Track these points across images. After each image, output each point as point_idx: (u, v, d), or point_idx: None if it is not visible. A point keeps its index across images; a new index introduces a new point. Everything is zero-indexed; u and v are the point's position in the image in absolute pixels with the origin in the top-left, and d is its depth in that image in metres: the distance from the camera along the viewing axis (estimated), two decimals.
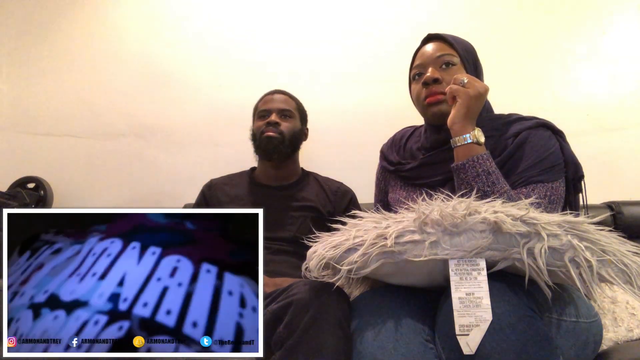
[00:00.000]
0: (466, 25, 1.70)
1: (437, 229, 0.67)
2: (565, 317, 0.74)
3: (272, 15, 1.76)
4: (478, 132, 0.87)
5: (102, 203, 1.72)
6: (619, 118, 1.66)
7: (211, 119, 1.73)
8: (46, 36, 1.82)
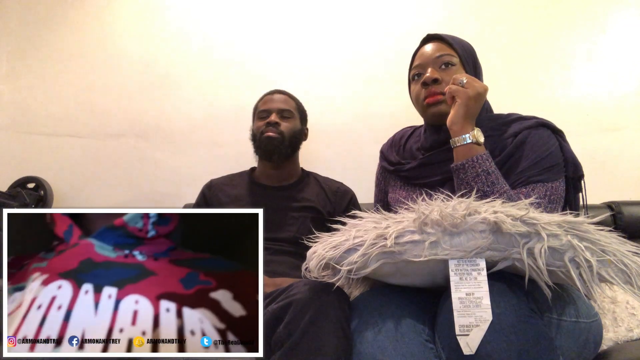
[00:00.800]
0: (466, 25, 1.70)
1: (437, 229, 0.67)
2: (565, 317, 0.74)
3: (272, 15, 1.76)
4: (477, 132, 0.87)
5: (102, 203, 1.72)
6: (619, 118, 1.66)
7: (211, 119, 1.73)
8: (46, 36, 1.81)
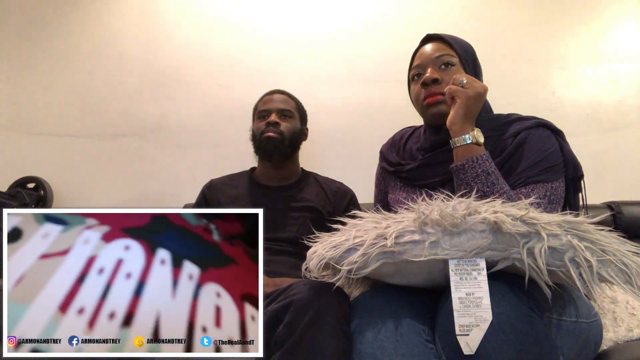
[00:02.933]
0: (466, 25, 1.70)
1: (437, 229, 0.67)
2: (565, 317, 0.74)
3: (272, 15, 1.76)
4: (477, 133, 0.87)
5: (102, 203, 1.72)
6: (619, 118, 1.66)
7: (211, 119, 1.73)
8: (46, 36, 1.82)
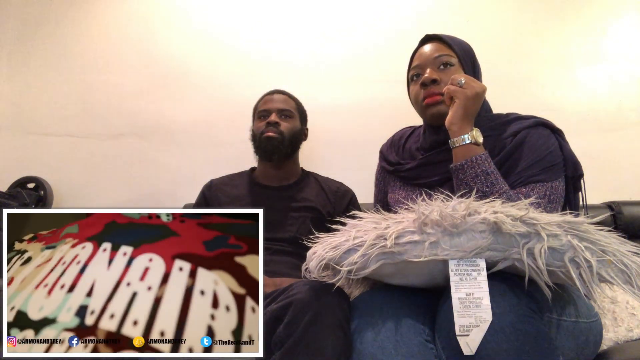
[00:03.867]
0: (465, 25, 1.70)
1: (437, 230, 0.67)
2: (565, 317, 0.74)
3: (272, 15, 1.76)
4: (476, 133, 0.87)
5: (102, 203, 1.72)
6: (619, 118, 1.66)
7: (211, 119, 1.73)
8: (46, 36, 1.81)
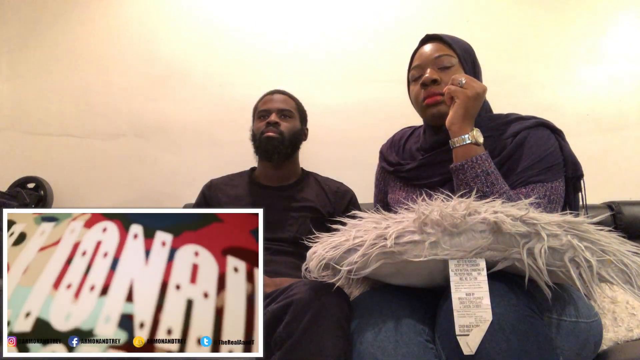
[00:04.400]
0: (465, 25, 1.70)
1: (437, 229, 0.67)
2: (565, 317, 0.74)
3: (272, 15, 1.76)
4: (477, 133, 0.87)
5: (102, 203, 1.72)
6: (619, 118, 1.66)
7: (211, 119, 1.73)
8: (46, 36, 1.82)
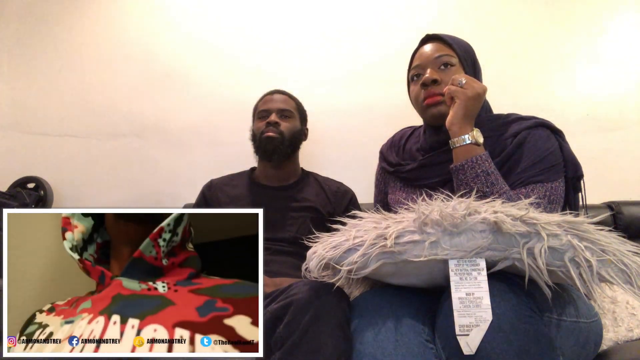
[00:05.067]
0: (465, 25, 1.70)
1: (437, 229, 0.67)
2: (565, 317, 0.74)
3: (272, 15, 1.76)
4: (477, 133, 0.87)
5: (102, 203, 1.72)
6: (619, 118, 1.66)
7: (211, 119, 1.73)
8: (46, 36, 1.81)
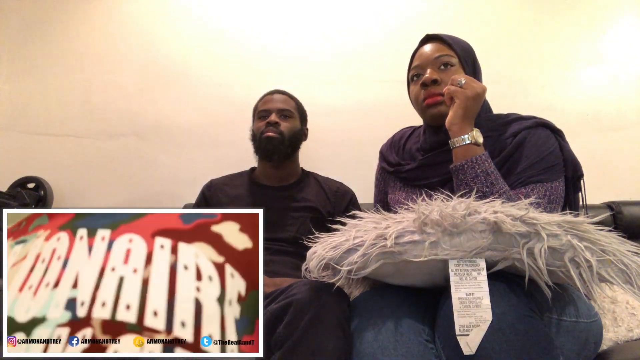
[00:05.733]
0: (466, 25, 1.70)
1: (437, 229, 0.67)
2: (565, 317, 0.74)
3: (272, 15, 1.76)
4: (476, 133, 0.87)
5: (102, 203, 1.72)
6: (619, 118, 1.66)
7: (211, 119, 1.73)
8: (46, 36, 1.81)
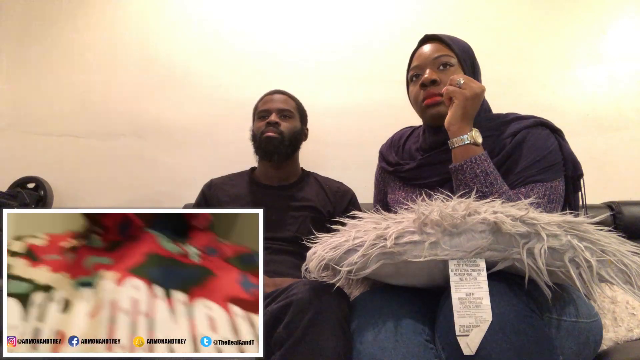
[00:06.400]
0: (465, 25, 1.70)
1: (437, 230, 0.67)
2: (565, 317, 0.74)
3: (272, 15, 1.76)
4: (475, 133, 0.87)
5: (102, 203, 1.72)
6: (619, 118, 1.66)
7: (211, 119, 1.73)
8: (46, 36, 1.82)
